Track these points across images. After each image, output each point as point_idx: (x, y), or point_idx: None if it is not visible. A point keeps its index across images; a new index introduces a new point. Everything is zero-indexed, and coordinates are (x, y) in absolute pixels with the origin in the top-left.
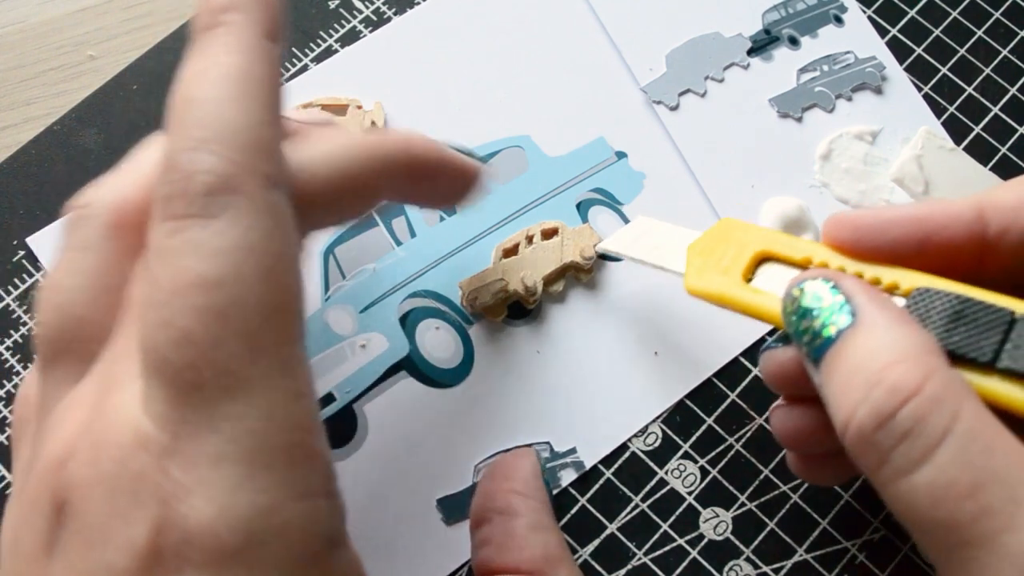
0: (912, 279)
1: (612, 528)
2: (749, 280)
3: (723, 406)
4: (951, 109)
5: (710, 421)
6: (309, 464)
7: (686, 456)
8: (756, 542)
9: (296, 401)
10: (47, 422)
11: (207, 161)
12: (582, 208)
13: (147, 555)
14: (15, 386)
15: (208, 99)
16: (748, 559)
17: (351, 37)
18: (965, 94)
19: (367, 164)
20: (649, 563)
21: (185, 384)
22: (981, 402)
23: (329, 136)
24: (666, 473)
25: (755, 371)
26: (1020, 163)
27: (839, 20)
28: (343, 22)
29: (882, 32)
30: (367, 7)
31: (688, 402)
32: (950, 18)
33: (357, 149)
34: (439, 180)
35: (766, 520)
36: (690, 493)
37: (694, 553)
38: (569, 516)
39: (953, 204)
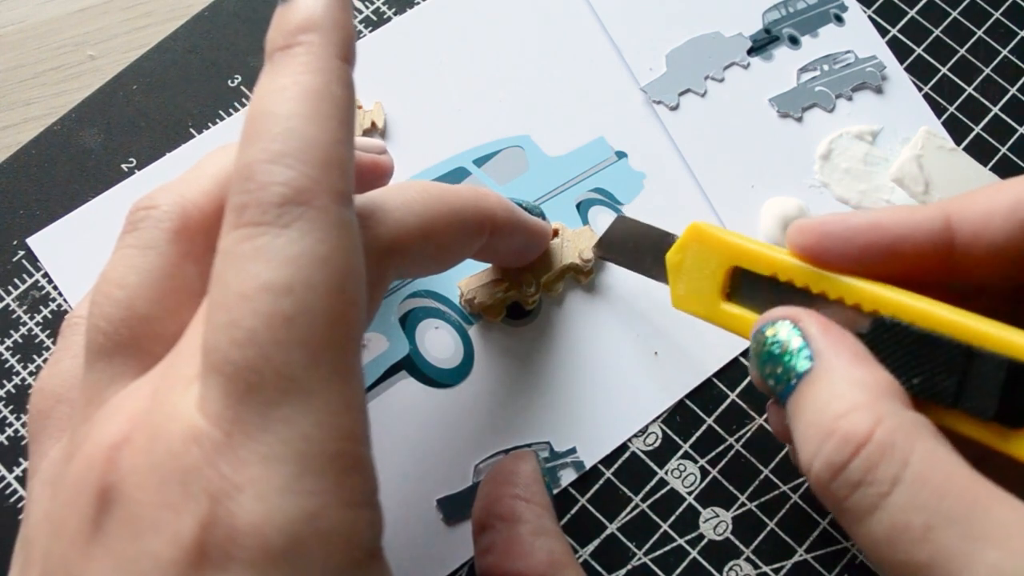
0: (875, 298)
1: (612, 528)
2: (730, 294)
3: (723, 406)
4: (951, 109)
5: (710, 421)
6: (357, 473)
7: (686, 456)
8: (756, 542)
9: (349, 410)
10: (100, 411)
11: (283, 174)
12: (582, 208)
13: (193, 549)
14: (15, 386)
15: (286, 115)
16: (748, 559)
17: None
18: (965, 94)
19: (441, 212)
20: (649, 563)
21: (244, 384)
22: (937, 438)
23: (405, 184)
24: (666, 473)
25: None
26: (1020, 163)
27: (839, 19)
28: None
29: (882, 32)
30: (367, 7)
31: (688, 402)
32: (950, 18)
33: (433, 198)
34: (514, 239)
35: (766, 520)
36: (690, 493)
37: (694, 553)
38: (569, 516)
39: (919, 211)
